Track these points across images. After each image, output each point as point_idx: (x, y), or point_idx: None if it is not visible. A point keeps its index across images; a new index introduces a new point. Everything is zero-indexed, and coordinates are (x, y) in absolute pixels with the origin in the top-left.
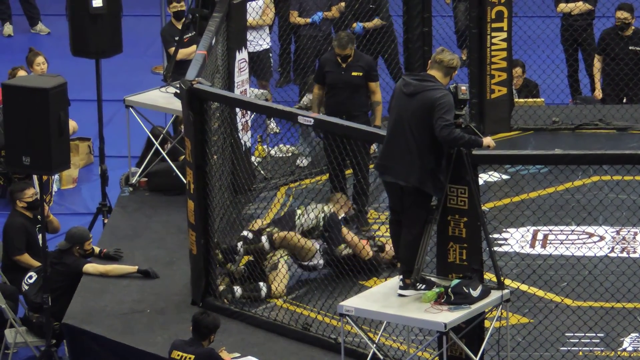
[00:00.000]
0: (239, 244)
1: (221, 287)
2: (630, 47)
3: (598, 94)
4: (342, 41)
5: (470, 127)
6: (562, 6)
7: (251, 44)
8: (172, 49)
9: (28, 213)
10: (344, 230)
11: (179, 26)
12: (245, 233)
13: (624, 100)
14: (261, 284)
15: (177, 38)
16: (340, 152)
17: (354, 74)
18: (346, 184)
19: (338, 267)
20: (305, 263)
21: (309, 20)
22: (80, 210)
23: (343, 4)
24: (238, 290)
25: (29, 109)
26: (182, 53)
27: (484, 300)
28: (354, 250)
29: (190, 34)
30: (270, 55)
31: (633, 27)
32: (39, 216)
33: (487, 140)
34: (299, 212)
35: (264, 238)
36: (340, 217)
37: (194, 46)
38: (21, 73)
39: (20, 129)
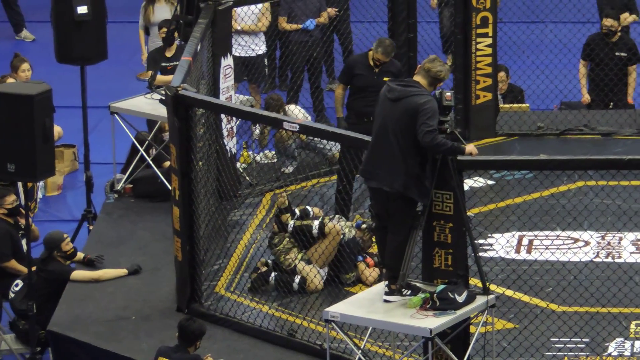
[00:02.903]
0: (297, 211)
1: (254, 276)
2: (616, 53)
3: (586, 99)
4: (388, 49)
5: (454, 133)
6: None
7: (244, 49)
8: (149, 72)
9: (9, 219)
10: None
11: (168, 53)
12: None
13: (610, 106)
14: (297, 277)
15: (162, 64)
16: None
17: (385, 79)
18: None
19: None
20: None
21: (300, 26)
22: (65, 217)
23: (332, 10)
24: (272, 277)
25: (14, 115)
26: (162, 80)
27: (469, 305)
28: (361, 277)
29: (174, 63)
30: (266, 61)
31: (619, 34)
32: (20, 222)
33: (470, 148)
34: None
35: (316, 222)
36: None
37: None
38: (10, 81)
39: (4, 136)
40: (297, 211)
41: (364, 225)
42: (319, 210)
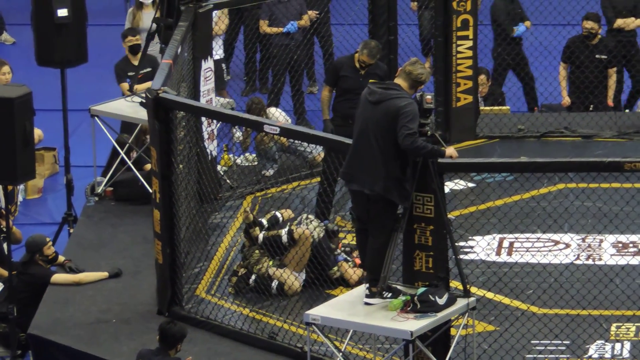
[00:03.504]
0: (265, 222)
1: (234, 279)
2: (596, 56)
3: (566, 101)
4: (373, 51)
5: (435, 136)
6: (620, 22)
7: None
8: (124, 85)
9: None
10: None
11: (135, 61)
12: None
13: (591, 108)
14: (275, 281)
15: (131, 74)
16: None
17: (371, 80)
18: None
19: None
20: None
21: (282, 29)
22: (45, 220)
23: (313, 13)
24: (253, 280)
25: None
26: (138, 89)
27: (450, 308)
28: (344, 276)
29: (145, 71)
30: (223, 65)
31: (599, 36)
32: (1, 225)
33: (450, 151)
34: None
35: (284, 231)
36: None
37: (149, 82)
38: None
39: None
40: (264, 222)
41: (330, 226)
42: (288, 213)
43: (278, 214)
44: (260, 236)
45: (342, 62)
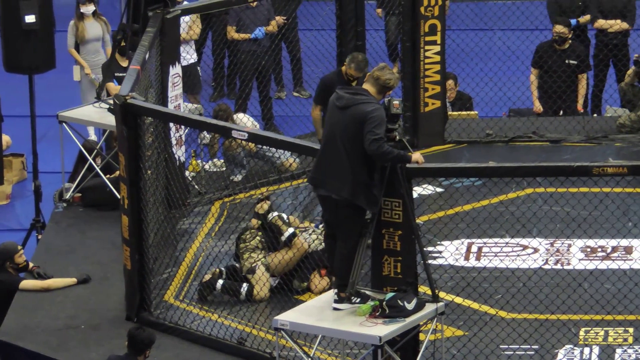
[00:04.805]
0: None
1: (207, 277)
2: (565, 61)
3: (537, 108)
4: (361, 64)
5: (403, 141)
6: (602, 22)
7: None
8: (110, 84)
9: None
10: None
11: (121, 61)
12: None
13: (561, 113)
14: (244, 284)
15: (118, 74)
16: None
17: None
18: None
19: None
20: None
21: (249, 35)
22: (13, 226)
23: (281, 18)
24: (219, 284)
25: None
26: (116, 89)
27: (418, 313)
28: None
29: None
30: (199, 68)
31: (569, 41)
32: None
33: (416, 156)
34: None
35: (290, 231)
36: None
37: None
38: None
39: None
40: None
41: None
42: (294, 219)
43: (284, 215)
44: (271, 215)
45: (332, 79)
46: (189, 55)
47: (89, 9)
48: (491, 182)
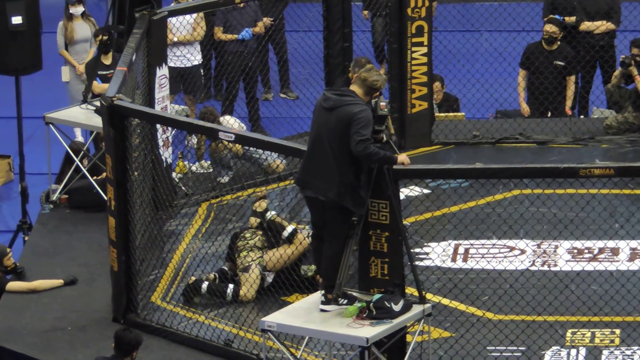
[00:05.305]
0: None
1: (192, 279)
2: (554, 62)
3: (525, 110)
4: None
5: (390, 143)
6: (588, 24)
7: (180, 60)
8: (95, 83)
9: None
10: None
11: (105, 60)
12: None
13: (549, 115)
14: (230, 286)
15: (101, 72)
16: None
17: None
18: None
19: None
20: (265, 273)
21: (236, 36)
22: (0, 227)
23: (268, 19)
24: (204, 285)
25: None
26: (102, 88)
27: (405, 314)
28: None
29: (113, 70)
30: (202, 71)
31: (559, 42)
32: None
33: (402, 158)
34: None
35: (290, 228)
36: None
37: None
38: None
39: None
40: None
41: None
42: (281, 220)
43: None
44: (269, 214)
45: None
46: (192, 56)
47: (78, 9)
48: (478, 184)
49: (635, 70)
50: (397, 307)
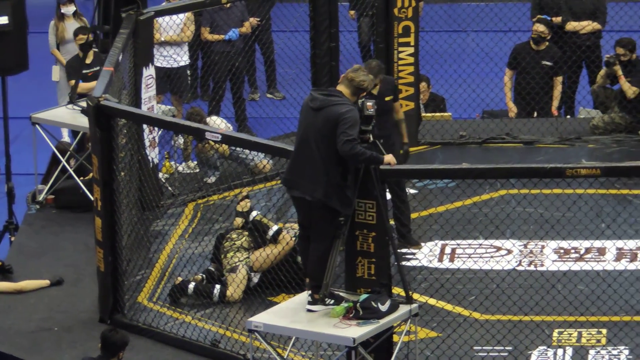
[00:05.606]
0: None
1: (179, 280)
2: (542, 63)
3: (512, 112)
4: (373, 70)
5: (376, 143)
6: (574, 24)
7: (167, 60)
8: (73, 82)
9: None
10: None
11: (87, 60)
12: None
13: (535, 115)
14: (217, 286)
15: (83, 71)
16: None
17: (387, 99)
18: None
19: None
20: (252, 273)
21: (223, 37)
22: None
23: (254, 20)
24: (191, 286)
25: None
26: (84, 87)
27: (392, 314)
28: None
29: (94, 69)
30: (189, 72)
31: (547, 43)
32: None
33: (388, 158)
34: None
35: (275, 228)
36: None
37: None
38: None
39: None
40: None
41: None
42: (267, 220)
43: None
44: (254, 213)
45: None
46: (180, 57)
47: (69, 9)
48: (465, 184)
49: (620, 69)
50: (383, 307)
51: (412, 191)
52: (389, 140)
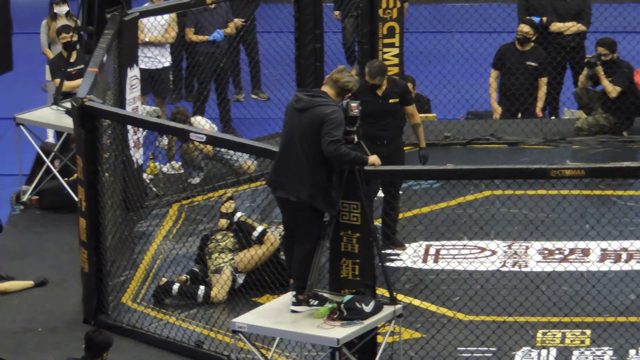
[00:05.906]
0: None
1: (163, 280)
2: (526, 63)
3: (496, 113)
4: (372, 71)
5: (361, 144)
6: (559, 25)
7: (151, 61)
8: (58, 81)
9: None
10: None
11: (71, 59)
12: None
13: (519, 116)
14: (202, 287)
15: (68, 69)
16: None
17: (391, 101)
18: None
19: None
20: (236, 274)
21: (207, 37)
22: None
23: (239, 20)
24: (176, 287)
25: None
26: (68, 86)
27: (376, 315)
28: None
29: (78, 67)
30: (171, 73)
31: (532, 44)
32: None
33: (373, 159)
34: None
35: (259, 228)
36: None
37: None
38: None
39: None
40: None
41: None
42: (251, 221)
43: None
44: (238, 214)
45: (359, 90)
46: (163, 58)
47: (62, 9)
48: (449, 185)
49: (602, 70)
50: (368, 308)
51: None
52: (395, 142)
